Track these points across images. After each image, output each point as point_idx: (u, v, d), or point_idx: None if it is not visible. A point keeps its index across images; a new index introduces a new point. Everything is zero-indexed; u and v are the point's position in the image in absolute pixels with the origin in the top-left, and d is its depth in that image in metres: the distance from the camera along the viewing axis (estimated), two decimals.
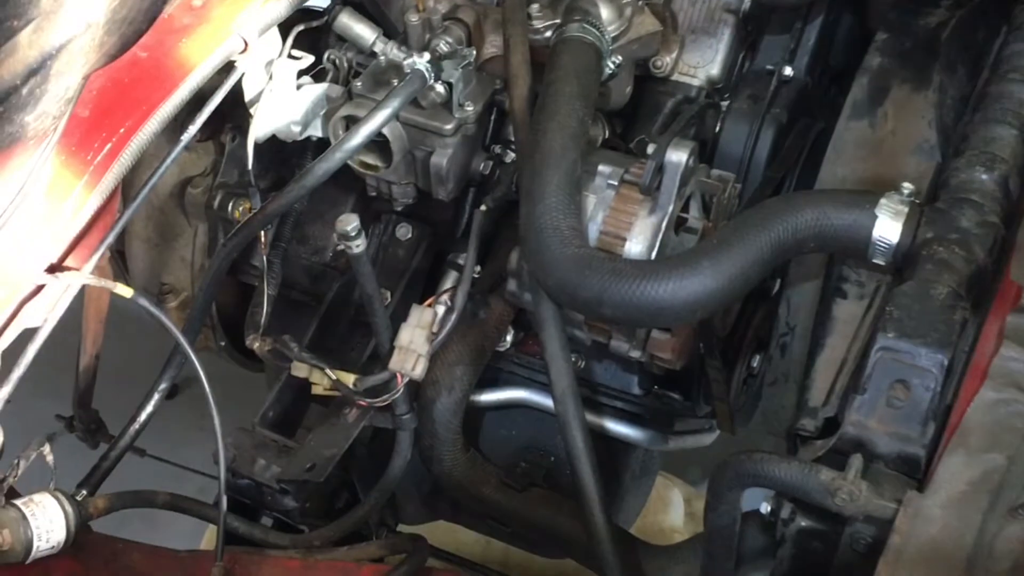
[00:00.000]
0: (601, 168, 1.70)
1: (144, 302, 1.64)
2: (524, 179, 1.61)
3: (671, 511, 2.55)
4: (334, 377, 1.72)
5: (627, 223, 1.66)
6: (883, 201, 1.47)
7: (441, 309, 1.74)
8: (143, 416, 1.84)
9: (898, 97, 1.71)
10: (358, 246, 1.60)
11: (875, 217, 1.46)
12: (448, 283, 1.87)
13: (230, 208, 2.06)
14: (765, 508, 1.45)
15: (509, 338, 1.97)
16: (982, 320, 1.40)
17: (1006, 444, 1.23)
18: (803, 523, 1.45)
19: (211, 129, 2.12)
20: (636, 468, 2.10)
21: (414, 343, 1.69)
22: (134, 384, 1.88)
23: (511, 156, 1.90)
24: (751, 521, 1.52)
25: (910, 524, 1.21)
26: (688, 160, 1.63)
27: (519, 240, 1.60)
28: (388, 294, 2.02)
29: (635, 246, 1.65)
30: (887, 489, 1.30)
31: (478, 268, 1.80)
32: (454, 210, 1.99)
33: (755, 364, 2.03)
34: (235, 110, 1.86)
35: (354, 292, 2.04)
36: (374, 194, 1.96)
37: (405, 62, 1.69)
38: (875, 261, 1.48)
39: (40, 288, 1.54)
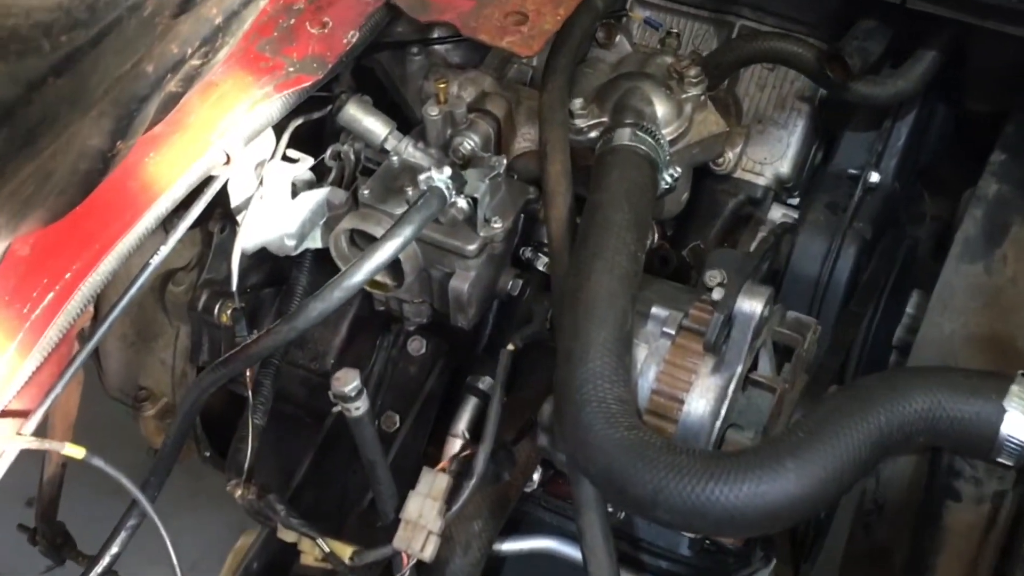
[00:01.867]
0: (655, 311, 1.40)
1: (99, 462, 1.36)
2: (562, 332, 1.32)
3: None
4: (327, 549, 1.43)
5: (686, 382, 1.37)
6: (1014, 389, 1.17)
7: (453, 474, 1.45)
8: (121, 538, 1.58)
9: (1021, 236, 1.41)
10: (358, 408, 1.32)
11: (1004, 411, 1.16)
12: (463, 420, 1.58)
13: (216, 311, 1.77)
14: None
15: (537, 476, 1.68)
16: None
17: None
18: None
19: (198, 216, 1.83)
20: None
21: (424, 517, 1.40)
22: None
23: (543, 260, 1.62)
24: None
25: None
26: (763, 311, 1.34)
27: (555, 411, 1.31)
28: (397, 418, 1.75)
29: (695, 410, 1.36)
30: None
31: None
32: (476, 329, 1.70)
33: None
34: (226, 196, 1.59)
35: None
36: (382, 308, 1.68)
37: (421, 178, 1.39)
38: (1000, 462, 1.18)
39: None
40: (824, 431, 1.18)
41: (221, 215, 1.82)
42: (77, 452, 1.35)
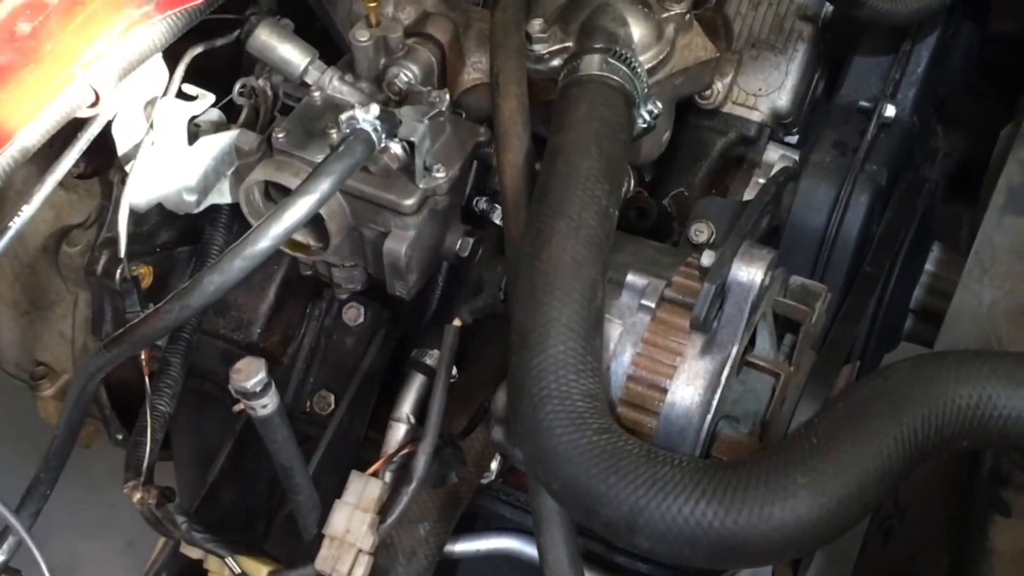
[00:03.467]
0: (631, 280, 1.15)
1: None
2: (517, 308, 1.06)
3: None
4: (237, 570, 1.19)
5: (669, 366, 1.12)
6: None
7: (389, 476, 1.21)
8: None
9: None
10: (264, 407, 1.07)
11: None
12: (408, 402, 1.33)
13: (118, 275, 1.50)
14: None
15: (495, 466, 1.44)
16: None
17: None
18: None
19: (96, 163, 1.55)
20: None
21: (352, 533, 1.16)
22: None
23: (499, 212, 1.37)
24: None
25: None
26: (764, 279, 1.09)
27: (509, 408, 1.06)
28: (332, 398, 1.51)
29: (681, 401, 1.11)
30: None
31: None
32: (420, 295, 1.44)
33: None
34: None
35: (284, 394, 1.52)
36: (309, 273, 1.42)
37: (342, 118, 1.13)
38: None
39: None
40: (844, 436, 0.94)
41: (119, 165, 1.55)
42: None
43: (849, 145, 1.40)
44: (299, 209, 1.08)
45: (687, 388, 1.11)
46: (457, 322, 1.23)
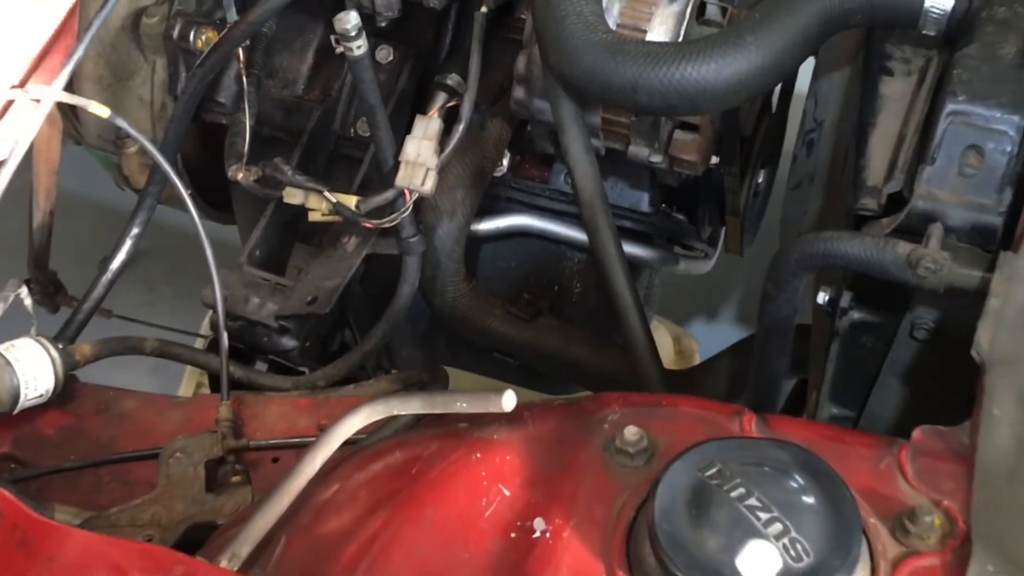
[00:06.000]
0: None
1: (121, 122, 1.49)
2: None
3: (660, 351, 2.47)
4: (334, 200, 1.58)
5: (647, 13, 1.54)
6: None
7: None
8: (116, 264, 1.70)
9: None
10: (359, 47, 1.46)
11: None
12: (439, 102, 1.73)
13: (192, 37, 1.87)
14: (823, 298, 1.36)
15: (506, 162, 1.85)
16: None
17: None
18: (856, 316, 1.38)
19: None
20: (641, 295, 2.01)
21: (422, 155, 1.55)
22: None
23: None
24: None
25: (1008, 285, 1.13)
26: None
27: (535, 34, 1.47)
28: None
29: (658, 37, 1.53)
30: (963, 260, 1.21)
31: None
32: (439, 26, 1.84)
33: (760, 180, 1.95)
34: None
35: (333, 123, 1.90)
36: (354, 8, 1.80)
37: None
38: (925, 32, 1.38)
39: (8, 106, 1.38)
40: (776, 11, 1.36)
41: None
42: (102, 111, 1.47)
43: None
44: None
45: (661, 27, 1.54)
46: (483, 8, 1.64)
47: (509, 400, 1.07)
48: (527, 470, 1.05)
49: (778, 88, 1.90)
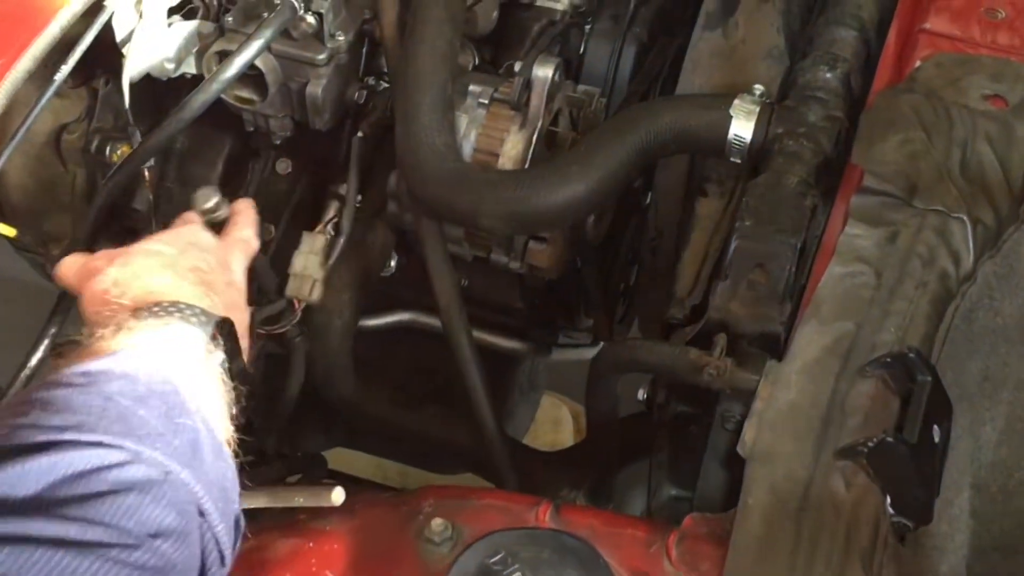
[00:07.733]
0: (472, 88, 1.76)
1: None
2: (398, 102, 1.66)
3: (561, 429, 2.65)
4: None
5: (499, 139, 1.73)
6: (736, 102, 1.57)
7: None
8: (33, 361, 1.86)
9: (747, 7, 1.81)
10: (223, 215, 1.64)
11: (730, 117, 1.56)
12: (331, 212, 1.92)
13: (108, 151, 2.06)
14: (641, 395, 1.54)
15: (393, 263, 2.03)
16: (831, 206, 1.51)
17: (854, 312, 1.34)
18: (678, 408, 1.56)
19: (83, 75, 2.11)
20: (524, 382, 2.19)
21: (308, 268, 1.74)
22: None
23: (384, 85, 1.96)
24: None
25: (771, 390, 1.31)
26: (554, 75, 1.71)
27: (397, 161, 1.66)
28: (272, 228, 2.06)
29: (508, 161, 1.72)
30: (751, 365, 1.40)
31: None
32: (332, 142, 2.03)
33: (632, 277, 2.14)
34: (105, 56, 1.88)
35: None
36: (252, 129, 1.99)
37: None
38: (732, 159, 1.58)
39: None
40: (598, 143, 1.57)
41: (103, 73, 2.12)
42: (7, 231, 1.66)
43: (620, 16, 2.04)
44: (254, 47, 1.67)
45: (512, 152, 1.73)
46: (360, 134, 1.83)
47: (338, 495, 1.24)
48: (351, 556, 1.23)
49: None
